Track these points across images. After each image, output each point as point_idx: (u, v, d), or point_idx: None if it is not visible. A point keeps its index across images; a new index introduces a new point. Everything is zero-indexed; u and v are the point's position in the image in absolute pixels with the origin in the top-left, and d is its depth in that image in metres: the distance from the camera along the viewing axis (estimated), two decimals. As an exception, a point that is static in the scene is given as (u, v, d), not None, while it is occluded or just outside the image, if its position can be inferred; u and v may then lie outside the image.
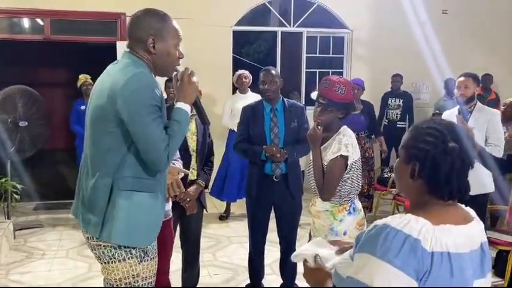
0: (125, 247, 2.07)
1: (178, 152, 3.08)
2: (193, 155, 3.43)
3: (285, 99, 3.70)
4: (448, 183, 1.35)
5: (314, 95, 2.86)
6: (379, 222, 1.34)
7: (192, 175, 3.43)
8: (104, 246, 2.08)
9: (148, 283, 2.17)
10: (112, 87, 2.00)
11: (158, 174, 2.13)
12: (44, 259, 4.78)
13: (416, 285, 1.26)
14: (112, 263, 2.09)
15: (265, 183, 3.59)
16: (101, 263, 2.14)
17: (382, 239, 1.29)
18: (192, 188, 3.34)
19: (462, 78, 4.16)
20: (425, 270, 1.27)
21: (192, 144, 3.43)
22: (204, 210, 3.59)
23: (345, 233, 2.75)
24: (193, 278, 3.66)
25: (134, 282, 2.11)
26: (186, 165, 3.35)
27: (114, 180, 2.04)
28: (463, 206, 1.45)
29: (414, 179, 1.38)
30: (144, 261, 2.13)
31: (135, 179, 2.06)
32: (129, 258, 2.09)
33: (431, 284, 1.27)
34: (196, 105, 2.37)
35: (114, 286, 2.10)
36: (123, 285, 2.09)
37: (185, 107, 2.16)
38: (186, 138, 3.36)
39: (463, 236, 1.34)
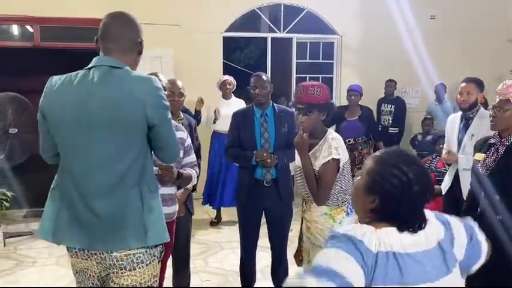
0: (150, 249, 2.05)
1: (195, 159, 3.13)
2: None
3: (275, 105, 3.73)
4: (405, 221, 1.45)
5: (291, 104, 2.92)
6: (329, 233, 1.47)
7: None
8: (133, 254, 2.01)
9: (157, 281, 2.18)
10: (133, 93, 1.93)
11: None
12: (35, 267, 4.76)
13: (362, 273, 1.35)
14: (140, 268, 2.03)
15: (256, 189, 3.59)
16: (123, 272, 2.02)
17: (329, 239, 1.43)
18: (179, 192, 3.33)
19: (464, 84, 3.98)
20: (371, 266, 1.36)
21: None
22: (191, 214, 3.60)
23: None
24: (183, 283, 3.66)
25: (153, 283, 2.11)
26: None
27: (140, 187, 2.01)
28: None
29: (373, 211, 1.48)
30: (159, 262, 2.14)
31: (155, 179, 2.12)
32: (153, 260, 2.08)
33: (381, 281, 1.35)
34: None
35: None
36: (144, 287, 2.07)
37: None
38: None
39: (410, 238, 1.43)
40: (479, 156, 2.97)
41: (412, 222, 1.44)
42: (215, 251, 5.22)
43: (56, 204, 2.10)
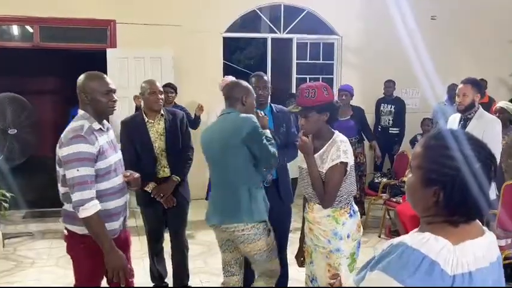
0: (257, 229, 3.00)
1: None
2: (162, 154, 3.80)
3: (272, 105, 3.72)
4: (476, 205, 1.26)
5: (289, 108, 2.93)
6: (394, 240, 1.27)
7: (164, 173, 3.83)
8: (248, 234, 2.98)
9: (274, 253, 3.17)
10: (235, 127, 2.96)
11: None
12: (34, 268, 4.74)
13: None
14: (254, 242, 3.01)
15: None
16: (244, 243, 3.02)
17: (396, 256, 1.21)
18: (164, 184, 3.76)
19: (461, 86, 4.00)
20: None
21: (160, 144, 3.79)
22: (188, 203, 4.04)
23: (348, 236, 2.76)
24: (181, 271, 4.05)
25: (268, 249, 3.08)
26: (152, 165, 3.77)
27: (248, 184, 2.99)
28: None
29: (437, 204, 1.28)
30: (268, 236, 3.08)
31: (259, 179, 3.11)
32: (262, 236, 3.03)
33: None
34: None
35: (258, 255, 3.06)
36: (262, 253, 3.05)
37: None
38: (151, 141, 3.75)
39: (482, 248, 1.27)
40: None
41: (482, 207, 1.27)
42: (215, 252, 5.18)
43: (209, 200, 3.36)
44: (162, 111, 3.84)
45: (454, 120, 4.14)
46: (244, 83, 3.19)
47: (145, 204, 3.93)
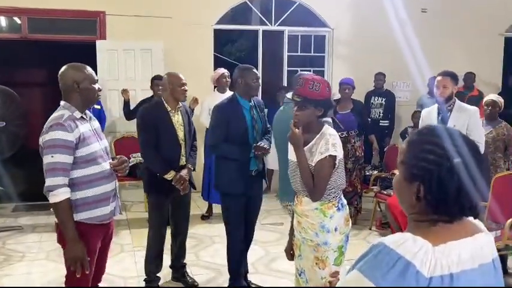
0: None
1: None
2: (182, 144, 3.89)
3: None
4: (457, 202, 1.23)
5: (289, 94, 2.89)
6: (375, 241, 1.27)
7: (183, 162, 3.93)
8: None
9: None
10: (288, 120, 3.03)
11: None
12: (23, 262, 4.70)
13: None
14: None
15: (249, 179, 3.73)
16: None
17: (372, 256, 1.21)
18: (184, 171, 3.85)
19: (440, 78, 4.16)
20: None
21: (181, 134, 3.88)
22: (193, 189, 4.12)
23: (335, 229, 2.76)
24: (182, 251, 4.24)
25: None
26: (177, 154, 3.88)
27: None
28: (470, 218, 1.31)
29: (420, 200, 1.27)
30: None
31: None
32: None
33: None
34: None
35: None
36: None
37: None
38: (176, 130, 3.83)
39: (469, 249, 1.23)
40: None
41: (466, 205, 1.24)
42: (207, 245, 5.20)
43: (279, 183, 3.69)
44: (179, 104, 3.95)
45: (429, 114, 4.26)
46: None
47: (159, 192, 3.93)
